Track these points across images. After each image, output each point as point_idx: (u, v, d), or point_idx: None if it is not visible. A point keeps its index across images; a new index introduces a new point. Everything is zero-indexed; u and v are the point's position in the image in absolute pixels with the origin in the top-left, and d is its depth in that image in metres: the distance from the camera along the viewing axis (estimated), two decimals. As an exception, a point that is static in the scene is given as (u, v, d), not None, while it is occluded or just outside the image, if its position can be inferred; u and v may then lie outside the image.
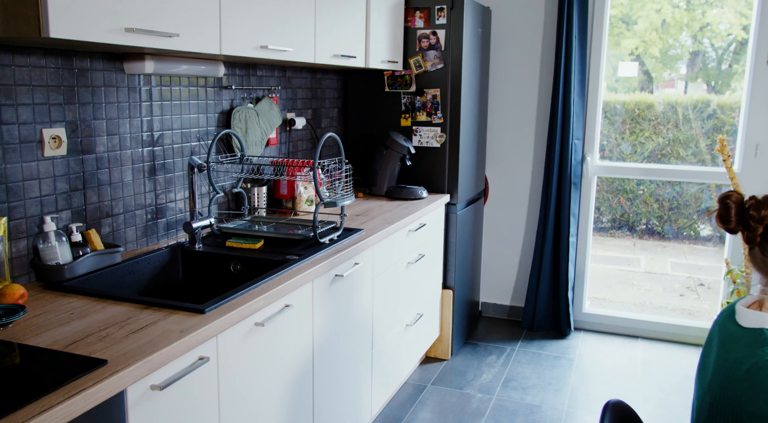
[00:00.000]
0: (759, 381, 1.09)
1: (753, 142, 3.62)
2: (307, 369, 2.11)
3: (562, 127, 3.71)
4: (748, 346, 1.15)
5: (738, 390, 1.12)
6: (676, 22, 5.04)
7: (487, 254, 4.13)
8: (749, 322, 1.21)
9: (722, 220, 1.24)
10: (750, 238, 1.22)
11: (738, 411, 1.12)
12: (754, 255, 1.25)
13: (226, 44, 1.99)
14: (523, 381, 3.27)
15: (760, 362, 1.10)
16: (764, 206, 1.19)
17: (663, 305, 4.84)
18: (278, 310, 1.89)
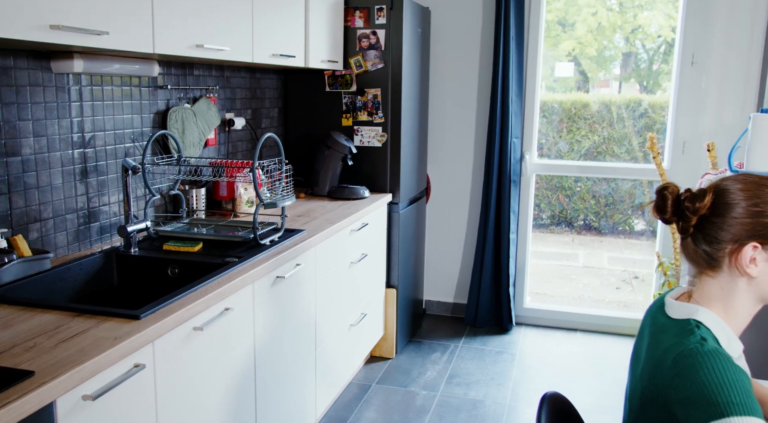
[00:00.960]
0: (684, 368, 1.13)
1: (681, 140, 3.77)
2: (249, 372, 2.08)
3: (501, 126, 3.78)
4: (676, 335, 1.19)
5: (666, 378, 1.16)
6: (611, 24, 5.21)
7: (430, 252, 4.17)
8: (678, 314, 1.25)
9: (659, 210, 1.28)
10: (684, 228, 1.27)
11: (666, 398, 1.16)
12: (686, 245, 1.29)
13: (159, 43, 1.94)
14: (466, 377, 3.32)
15: (686, 351, 1.14)
16: (698, 199, 1.24)
17: (600, 298, 4.99)
18: (218, 313, 1.86)
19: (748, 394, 1.08)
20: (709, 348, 1.13)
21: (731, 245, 1.21)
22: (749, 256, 1.20)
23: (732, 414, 1.05)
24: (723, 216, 1.22)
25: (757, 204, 1.20)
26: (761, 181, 1.23)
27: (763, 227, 1.19)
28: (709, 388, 1.08)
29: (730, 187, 1.24)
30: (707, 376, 1.09)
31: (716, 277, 1.25)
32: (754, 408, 1.07)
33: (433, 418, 2.90)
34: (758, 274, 1.21)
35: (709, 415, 1.07)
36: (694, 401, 1.10)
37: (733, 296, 1.24)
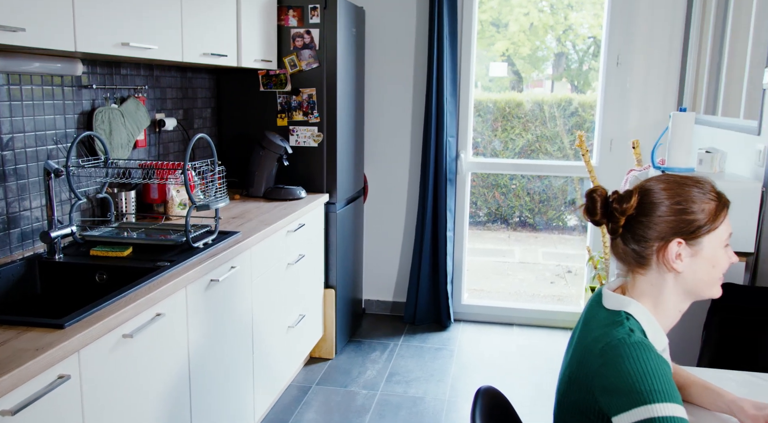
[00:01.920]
0: (610, 358, 1.17)
1: (608, 138, 3.91)
2: (184, 378, 2.03)
3: (436, 125, 3.82)
4: (606, 326, 1.24)
5: (593, 366, 1.20)
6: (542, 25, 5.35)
7: (369, 252, 4.18)
8: (611, 305, 1.30)
9: (589, 212, 1.32)
10: (613, 229, 1.32)
11: (591, 385, 1.21)
12: (616, 245, 1.34)
13: (81, 41, 1.87)
14: (406, 374, 3.34)
15: (613, 341, 1.19)
16: (625, 200, 1.28)
17: (535, 293, 5.12)
18: (149, 319, 1.80)
19: (669, 382, 1.13)
20: (635, 339, 1.18)
21: (658, 243, 1.27)
22: (675, 253, 1.26)
23: (654, 401, 1.10)
24: (649, 215, 1.27)
25: (678, 202, 1.26)
26: (682, 181, 1.29)
27: (686, 224, 1.25)
28: (633, 377, 1.13)
29: (654, 187, 1.29)
30: (632, 365, 1.14)
31: (646, 274, 1.30)
32: (674, 395, 1.12)
33: (374, 417, 2.91)
34: (684, 269, 1.27)
35: (632, 402, 1.12)
36: (618, 389, 1.14)
37: (662, 292, 1.30)
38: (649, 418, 1.09)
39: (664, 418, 1.09)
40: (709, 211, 1.26)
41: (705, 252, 1.26)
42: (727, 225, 1.28)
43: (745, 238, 2.62)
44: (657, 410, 1.09)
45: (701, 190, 1.27)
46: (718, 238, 1.27)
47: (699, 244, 1.26)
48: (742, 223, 2.62)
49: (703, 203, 1.26)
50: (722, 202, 1.28)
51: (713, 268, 1.28)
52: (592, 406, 1.23)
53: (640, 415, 1.10)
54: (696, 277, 1.28)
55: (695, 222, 1.25)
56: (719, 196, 1.29)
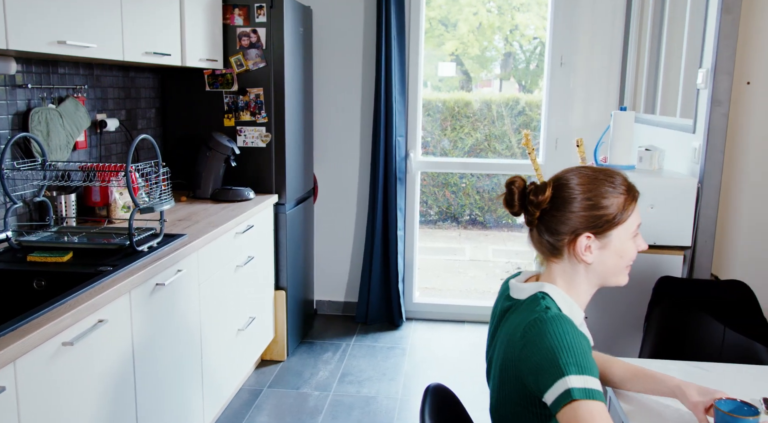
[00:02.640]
0: (531, 337, 1.20)
1: (554, 137, 3.99)
2: (129, 385, 1.98)
3: (385, 125, 3.83)
4: (525, 311, 1.27)
5: (517, 351, 1.23)
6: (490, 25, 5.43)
7: (320, 252, 4.16)
8: (524, 294, 1.33)
9: (507, 203, 1.35)
10: (529, 220, 1.35)
11: (518, 369, 1.23)
12: (533, 235, 1.38)
13: (13, 38, 1.80)
14: (358, 374, 3.34)
15: (532, 320, 1.22)
16: (541, 192, 1.31)
17: (486, 290, 5.20)
18: (90, 326, 1.75)
19: (586, 355, 1.17)
20: (553, 314, 1.22)
21: (569, 236, 1.31)
22: (584, 246, 1.30)
23: (570, 373, 1.13)
24: (561, 210, 1.31)
25: (590, 198, 1.30)
26: (594, 175, 1.33)
27: (596, 219, 1.29)
28: (552, 352, 1.16)
29: (569, 181, 1.33)
30: (551, 340, 1.17)
31: (559, 263, 1.35)
32: (590, 368, 1.15)
33: (326, 418, 2.90)
34: (593, 260, 1.32)
35: (553, 377, 1.14)
36: (541, 366, 1.17)
37: (574, 280, 1.35)
38: (566, 390, 1.12)
39: (578, 390, 1.11)
40: (618, 205, 1.30)
41: (613, 244, 1.32)
42: (636, 216, 1.33)
43: (682, 232, 2.72)
44: (572, 382, 1.12)
45: (612, 185, 1.32)
46: (626, 230, 1.32)
47: (608, 237, 1.31)
48: (679, 217, 2.71)
49: (614, 198, 1.30)
50: (632, 195, 1.33)
51: (621, 258, 1.33)
52: (525, 393, 1.24)
53: (560, 388, 1.13)
54: (605, 267, 1.33)
55: (604, 217, 1.29)
56: (629, 189, 1.33)
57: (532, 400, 1.24)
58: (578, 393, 1.11)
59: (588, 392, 1.12)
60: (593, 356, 1.54)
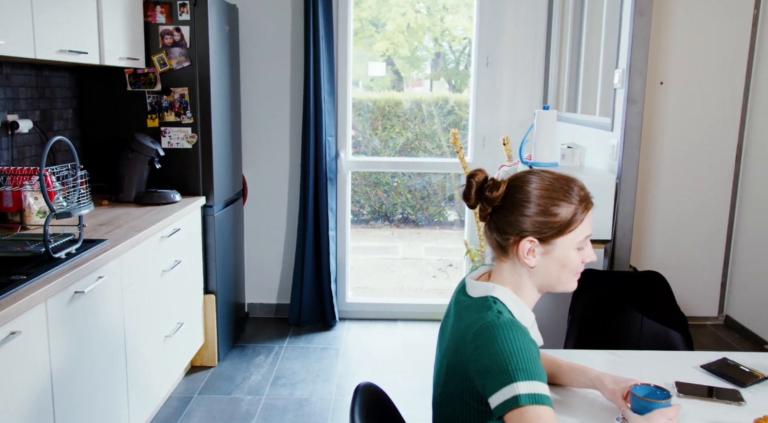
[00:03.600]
0: (483, 341, 1.22)
1: (481, 135, 4.07)
2: (46, 400, 1.89)
3: (315, 125, 3.81)
4: (476, 311, 1.29)
5: (467, 351, 1.25)
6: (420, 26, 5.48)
7: (250, 254, 4.10)
8: (477, 293, 1.35)
9: (465, 196, 1.36)
10: (483, 215, 1.37)
11: (467, 370, 1.25)
12: (486, 230, 1.40)
13: None
14: (291, 377, 3.31)
15: (484, 324, 1.23)
16: (496, 188, 1.33)
17: (419, 287, 5.25)
18: (2, 338, 1.66)
19: (535, 361, 1.19)
20: (505, 320, 1.23)
21: (514, 237, 1.32)
22: (526, 249, 1.31)
23: (518, 379, 1.16)
24: (512, 211, 1.32)
25: (541, 204, 1.30)
26: (552, 182, 1.32)
27: (542, 225, 1.30)
28: (503, 357, 1.18)
29: (524, 184, 1.33)
30: (502, 346, 1.19)
31: (506, 262, 1.37)
32: (538, 373, 1.18)
33: (259, 422, 2.85)
34: (536, 265, 1.33)
35: (501, 382, 1.17)
36: (491, 370, 1.19)
37: (520, 280, 1.37)
38: (515, 396, 1.15)
39: (527, 395, 1.14)
40: (568, 214, 1.30)
41: (557, 252, 1.32)
42: (585, 227, 1.33)
43: (602, 226, 2.82)
44: (521, 388, 1.15)
45: (567, 193, 1.30)
46: (571, 240, 1.31)
47: (552, 245, 1.31)
48: (599, 212, 2.82)
49: (565, 207, 1.29)
50: (585, 206, 1.32)
51: (563, 267, 1.33)
52: (471, 391, 1.27)
53: (507, 394, 1.16)
54: (547, 274, 1.34)
55: (551, 224, 1.29)
56: (583, 199, 1.32)
57: (478, 399, 1.26)
58: (526, 399, 1.14)
59: (535, 398, 1.15)
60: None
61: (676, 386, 1.57)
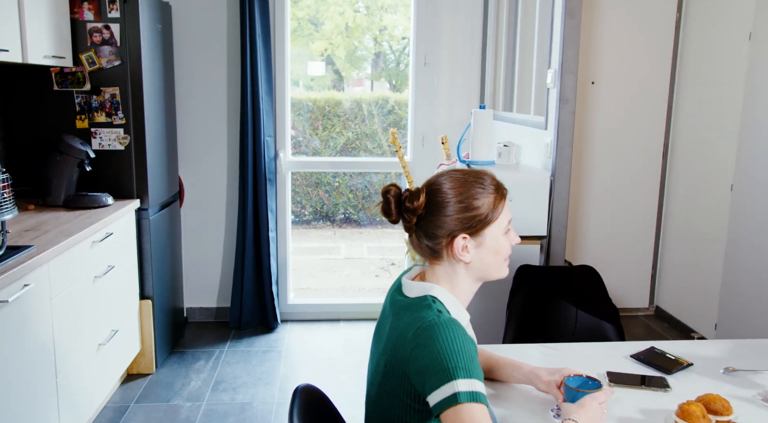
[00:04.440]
0: (423, 340, 1.23)
1: (420, 134, 4.10)
2: (-32, 416, 1.80)
3: (253, 125, 3.76)
4: (416, 311, 1.30)
5: (407, 350, 1.26)
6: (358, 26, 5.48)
7: (188, 257, 4.01)
8: (414, 292, 1.36)
9: (385, 213, 1.37)
10: (407, 227, 1.38)
11: (406, 369, 1.26)
12: (412, 240, 1.41)
13: None
14: (233, 381, 3.25)
15: (425, 323, 1.25)
16: (416, 198, 1.35)
17: (361, 287, 5.25)
18: None
19: (473, 359, 1.21)
20: (445, 319, 1.25)
21: (446, 239, 1.35)
22: (461, 246, 1.35)
23: (458, 377, 1.17)
24: (436, 215, 1.34)
25: (461, 200, 1.34)
26: (465, 178, 1.37)
27: (469, 220, 1.34)
28: (442, 356, 1.19)
29: (441, 185, 1.37)
30: (442, 344, 1.21)
31: (440, 264, 1.39)
32: (476, 371, 1.20)
33: (200, 429, 2.80)
34: (471, 259, 1.37)
35: (440, 380, 1.18)
36: (430, 369, 1.20)
37: (456, 279, 1.39)
38: (454, 394, 1.16)
39: (464, 393, 1.16)
40: (489, 204, 1.35)
41: (488, 242, 1.37)
42: (506, 213, 1.39)
43: (538, 223, 2.89)
44: (459, 385, 1.16)
45: (482, 186, 1.36)
46: (498, 227, 1.37)
47: (482, 236, 1.36)
48: (535, 209, 2.89)
49: (484, 198, 1.35)
50: (501, 194, 1.38)
51: (496, 254, 1.39)
52: (409, 390, 1.28)
53: (447, 392, 1.17)
54: (483, 264, 1.38)
55: (477, 217, 1.34)
56: (498, 188, 1.39)
57: (415, 397, 1.27)
58: (464, 396, 1.16)
59: (473, 395, 1.16)
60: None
61: (608, 376, 1.62)
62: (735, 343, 1.88)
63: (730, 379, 1.63)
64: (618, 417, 1.43)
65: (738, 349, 1.83)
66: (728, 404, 1.36)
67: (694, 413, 1.30)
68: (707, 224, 3.75)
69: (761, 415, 1.45)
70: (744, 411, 1.44)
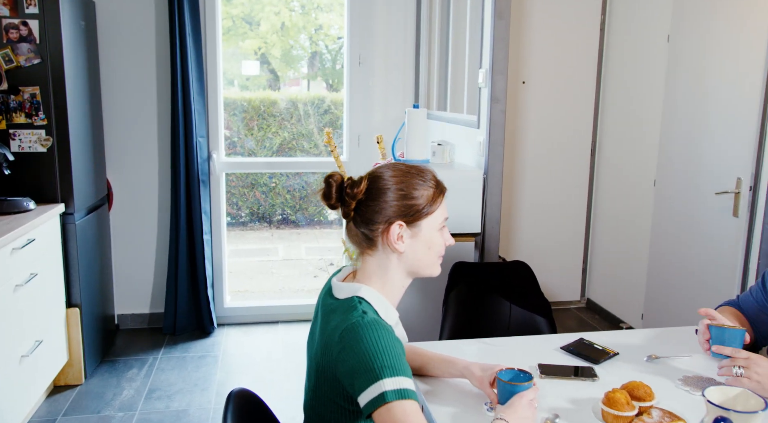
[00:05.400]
0: (348, 341, 1.24)
1: (356, 134, 4.10)
2: None
3: (184, 125, 3.67)
4: (343, 313, 1.30)
5: (334, 353, 1.26)
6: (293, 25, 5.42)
7: (119, 263, 3.88)
8: (343, 294, 1.36)
9: (325, 197, 1.39)
10: (346, 213, 1.39)
11: (335, 372, 1.27)
12: (350, 229, 1.42)
13: None
14: (167, 388, 3.17)
15: (349, 325, 1.25)
16: (357, 185, 1.37)
17: (300, 288, 5.21)
18: None
19: (399, 358, 1.22)
20: (369, 319, 1.26)
21: (383, 225, 1.37)
22: (396, 234, 1.37)
23: (384, 376, 1.18)
24: (376, 200, 1.37)
25: (402, 188, 1.37)
26: (407, 170, 1.42)
27: (407, 208, 1.37)
28: (368, 356, 1.20)
29: (383, 173, 1.40)
30: (367, 345, 1.21)
31: (374, 255, 1.40)
32: (403, 369, 1.21)
33: (133, 439, 2.71)
34: (405, 249, 1.39)
35: (367, 381, 1.19)
36: (357, 370, 1.21)
37: (388, 271, 1.40)
38: (381, 393, 1.17)
39: (392, 391, 1.17)
40: (427, 197, 1.39)
41: (423, 234, 1.39)
42: (442, 210, 1.42)
43: (472, 220, 2.94)
44: (386, 385, 1.17)
45: (423, 179, 1.41)
46: (434, 221, 1.40)
47: (418, 227, 1.38)
48: (469, 207, 2.93)
49: (424, 190, 1.39)
50: (439, 190, 1.42)
51: (429, 249, 1.41)
52: (341, 392, 1.28)
53: (374, 392, 1.18)
54: (416, 257, 1.40)
55: (415, 206, 1.37)
56: (437, 184, 1.43)
57: (349, 399, 1.27)
58: (391, 395, 1.17)
59: (401, 393, 1.17)
60: (409, 349, 1.63)
61: (539, 368, 1.66)
62: (658, 332, 1.96)
63: (653, 366, 1.70)
64: (548, 408, 1.46)
65: (661, 337, 1.91)
66: (650, 390, 1.41)
67: (619, 400, 1.35)
68: (633, 219, 3.90)
69: (681, 398, 1.51)
70: (665, 395, 1.51)
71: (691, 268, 3.23)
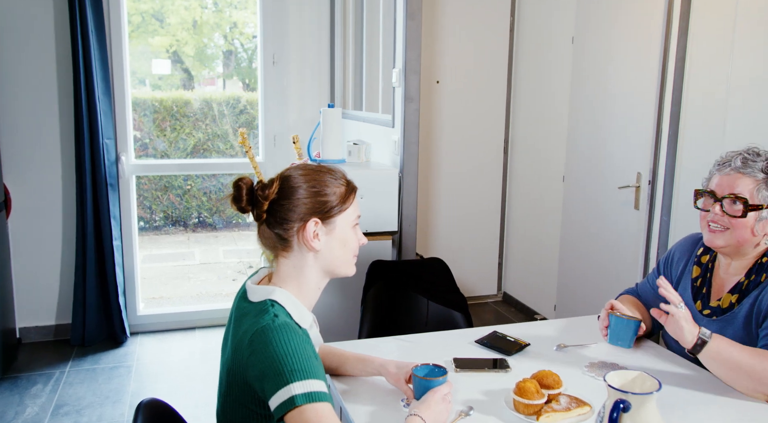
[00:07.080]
0: (257, 345, 1.22)
1: (272, 134, 4.05)
2: None
3: (89, 127, 3.50)
4: (254, 317, 1.29)
5: (244, 357, 1.24)
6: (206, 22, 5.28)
7: (20, 273, 3.65)
8: (256, 297, 1.34)
9: (236, 200, 1.37)
10: (258, 215, 1.38)
11: (246, 376, 1.25)
12: (263, 231, 1.40)
13: None
14: (76, 403, 3.02)
15: (259, 329, 1.24)
16: (268, 187, 1.36)
17: (218, 292, 5.09)
18: None
19: (310, 360, 1.21)
20: (279, 322, 1.24)
21: (298, 223, 1.36)
22: (312, 231, 1.36)
23: (294, 380, 1.17)
24: (289, 198, 1.36)
25: (314, 185, 1.38)
26: (318, 168, 1.42)
27: (321, 205, 1.37)
28: (277, 360, 1.19)
29: (293, 173, 1.40)
30: (275, 349, 1.20)
31: (289, 256, 1.39)
32: (314, 371, 1.20)
33: (38, 458, 2.56)
34: (321, 247, 1.38)
35: (277, 385, 1.18)
36: (267, 374, 1.19)
37: (304, 272, 1.39)
38: (290, 397, 1.16)
39: (302, 395, 1.16)
40: (340, 194, 1.40)
41: (338, 231, 1.40)
42: (355, 207, 1.44)
43: (389, 219, 2.96)
44: (296, 388, 1.16)
45: (333, 177, 1.42)
46: (347, 218, 1.41)
47: (333, 224, 1.39)
48: (386, 205, 2.95)
49: (335, 187, 1.40)
50: (350, 187, 1.44)
51: (344, 246, 1.41)
52: (252, 397, 1.26)
53: (284, 396, 1.16)
54: (332, 255, 1.40)
55: (328, 203, 1.37)
56: (348, 182, 1.44)
57: (261, 404, 1.26)
58: (301, 399, 1.16)
59: (311, 396, 1.16)
60: (325, 350, 1.61)
61: (454, 362, 1.69)
62: (567, 322, 2.04)
63: (561, 355, 1.77)
64: (463, 401, 1.49)
65: (569, 327, 1.99)
66: (558, 378, 1.47)
67: (529, 389, 1.40)
68: (545, 213, 4.04)
69: (587, 383, 1.58)
70: (573, 382, 1.57)
71: (597, 258, 3.39)
